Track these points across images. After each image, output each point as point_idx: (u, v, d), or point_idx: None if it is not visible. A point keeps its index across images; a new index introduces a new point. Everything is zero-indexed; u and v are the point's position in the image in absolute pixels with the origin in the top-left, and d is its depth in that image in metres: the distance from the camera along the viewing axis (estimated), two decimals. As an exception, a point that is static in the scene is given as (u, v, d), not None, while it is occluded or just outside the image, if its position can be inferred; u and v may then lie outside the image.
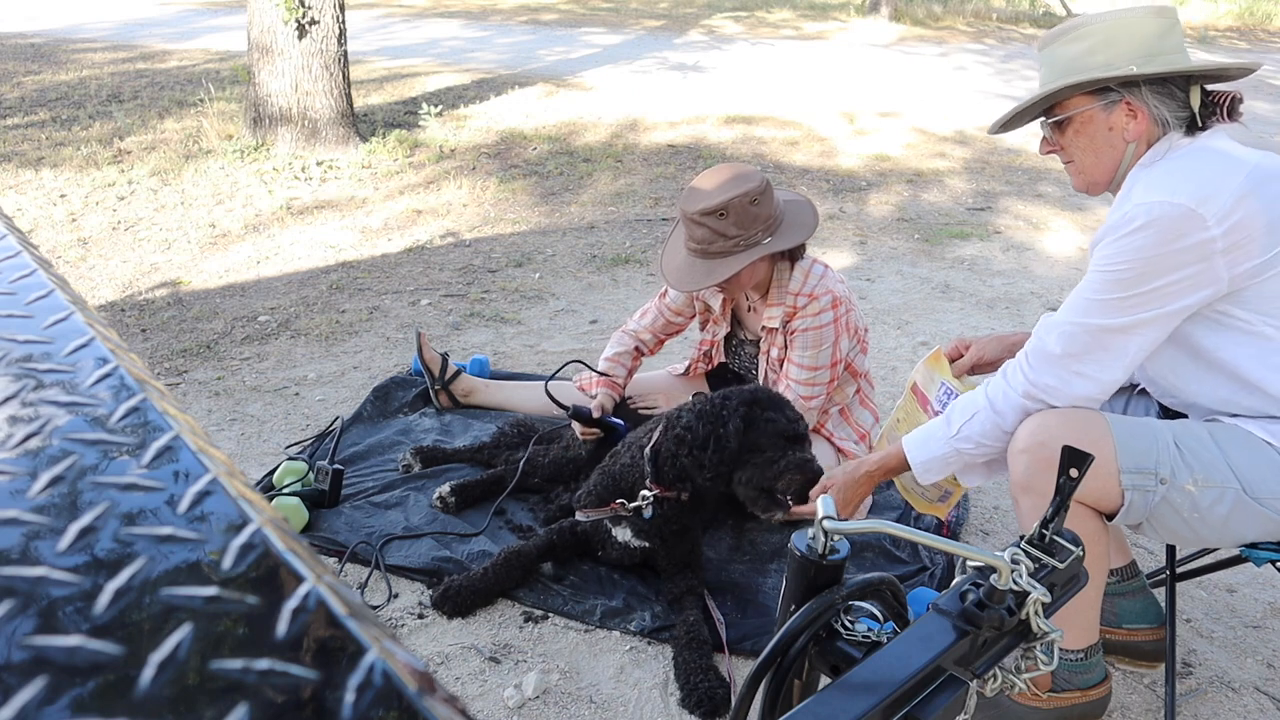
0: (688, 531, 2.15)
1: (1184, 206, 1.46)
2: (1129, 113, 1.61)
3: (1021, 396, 1.65)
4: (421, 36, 11.19)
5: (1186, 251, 1.47)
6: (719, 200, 2.21)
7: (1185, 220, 1.46)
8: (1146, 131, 1.62)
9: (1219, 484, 1.54)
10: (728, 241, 2.24)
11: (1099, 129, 1.64)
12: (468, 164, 5.91)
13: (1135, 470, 1.56)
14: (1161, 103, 1.59)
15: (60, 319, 0.54)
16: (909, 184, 5.89)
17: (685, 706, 1.82)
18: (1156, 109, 1.59)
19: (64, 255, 4.26)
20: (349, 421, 2.84)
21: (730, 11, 14.94)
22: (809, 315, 2.35)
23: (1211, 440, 1.58)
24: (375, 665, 0.32)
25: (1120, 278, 1.53)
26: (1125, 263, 1.52)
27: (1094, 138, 1.66)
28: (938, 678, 0.87)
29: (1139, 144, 1.63)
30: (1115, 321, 1.55)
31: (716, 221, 2.22)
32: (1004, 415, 1.67)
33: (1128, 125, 1.62)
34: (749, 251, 2.25)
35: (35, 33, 10.48)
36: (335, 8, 5.65)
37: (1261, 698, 1.94)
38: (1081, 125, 1.66)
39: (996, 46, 12.27)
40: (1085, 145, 1.67)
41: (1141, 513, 1.59)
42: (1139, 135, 1.62)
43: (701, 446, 2.02)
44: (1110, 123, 1.63)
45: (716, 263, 2.28)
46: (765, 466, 1.97)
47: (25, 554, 0.35)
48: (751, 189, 2.23)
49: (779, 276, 2.40)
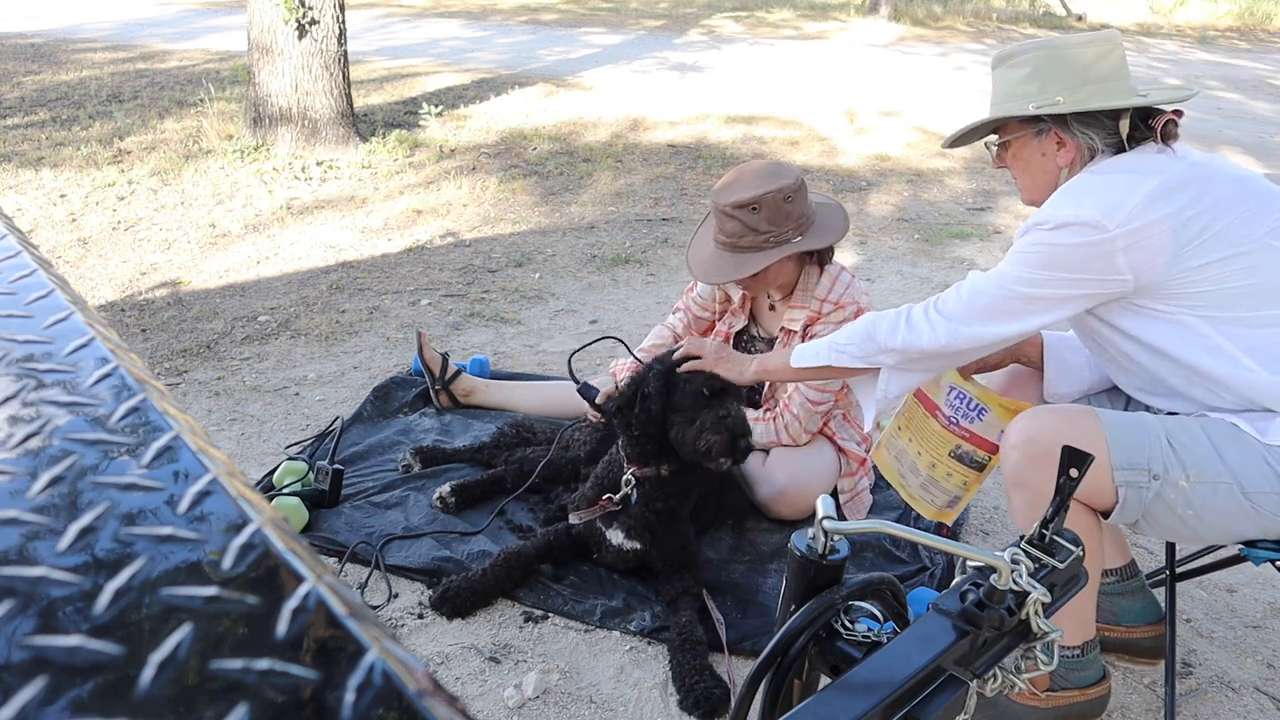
0: (675, 522, 2.15)
1: (1088, 219, 1.58)
2: (1058, 141, 1.72)
3: (912, 308, 1.76)
4: (421, 36, 11.19)
5: (1087, 247, 1.59)
6: (753, 194, 2.19)
7: (1088, 229, 1.58)
8: (1077, 156, 1.72)
9: (1212, 479, 1.55)
10: (758, 237, 2.23)
11: (1033, 154, 1.77)
12: (468, 164, 5.91)
13: (1128, 466, 1.57)
14: (1088, 131, 1.69)
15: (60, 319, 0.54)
16: (909, 184, 5.89)
17: (684, 708, 1.83)
18: (1083, 136, 1.69)
19: (64, 255, 4.26)
20: (349, 421, 2.84)
21: (730, 11, 14.94)
22: (831, 324, 2.34)
23: (1204, 435, 1.58)
24: (375, 665, 0.32)
25: (1037, 259, 1.64)
26: (1042, 248, 1.64)
27: (1029, 161, 1.78)
28: (938, 678, 0.87)
29: (1071, 167, 1.73)
30: (1026, 290, 1.65)
31: (749, 215, 2.21)
32: (889, 331, 1.76)
33: (1058, 152, 1.73)
34: (778, 249, 2.23)
35: (35, 33, 10.48)
36: (335, 8, 5.65)
37: (1261, 698, 1.94)
38: (1018, 149, 1.79)
39: (996, 46, 12.25)
40: (1022, 168, 1.80)
41: (1136, 510, 1.59)
42: (1069, 161, 1.73)
43: (629, 406, 2.07)
44: (1042, 149, 1.75)
45: (745, 257, 2.26)
46: (685, 426, 2.01)
47: (25, 554, 0.35)
48: (786, 185, 2.21)
49: (805, 279, 2.38)
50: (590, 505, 2.20)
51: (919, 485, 2.00)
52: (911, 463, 2.02)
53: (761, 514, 2.46)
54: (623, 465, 2.15)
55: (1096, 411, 1.64)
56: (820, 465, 2.44)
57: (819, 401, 2.39)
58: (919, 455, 2.00)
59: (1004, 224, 5.17)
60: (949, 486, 1.95)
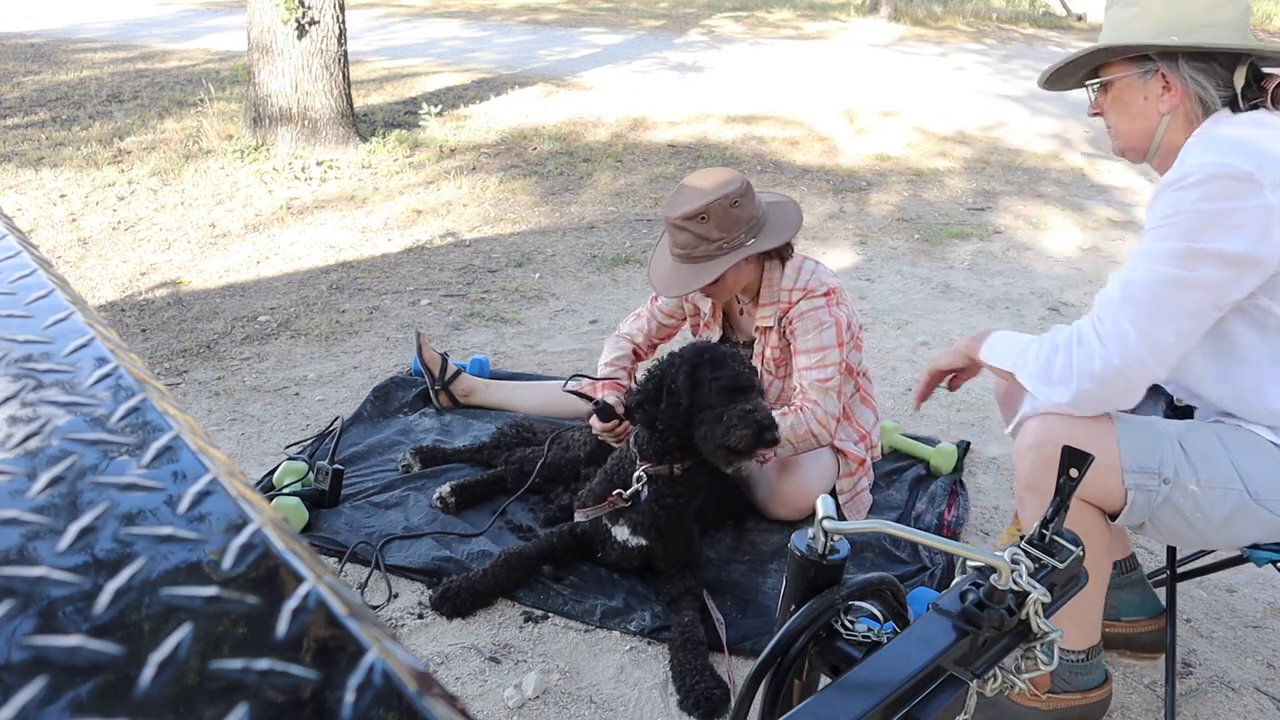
0: (683, 521, 2.15)
1: (1242, 169, 1.42)
2: (1164, 84, 1.59)
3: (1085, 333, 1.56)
4: (422, 36, 11.19)
5: (1243, 212, 1.43)
6: (699, 204, 2.22)
7: (1242, 182, 1.42)
8: (1182, 106, 1.59)
9: (1223, 485, 1.54)
10: (710, 245, 2.26)
11: (1135, 96, 1.63)
12: (468, 164, 5.91)
13: (1139, 469, 1.56)
14: (1199, 78, 1.55)
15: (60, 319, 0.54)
16: (909, 183, 5.89)
17: (683, 708, 1.82)
18: (1193, 83, 1.56)
19: (64, 255, 4.26)
20: (349, 421, 2.84)
21: (730, 11, 14.94)
22: (804, 303, 2.37)
23: (1217, 441, 1.58)
24: (375, 665, 0.32)
25: (1176, 229, 1.48)
26: (1185, 212, 1.47)
27: (1129, 104, 1.65)
28: (938, 678, 0.87)
29: (1174, 116, 1.60)
30: (1177, 273, 1.47)
31: (698, 225, 2.24)
32: (1064, 357, 1.58)
33: (1161, 97, 1.60)
34: (732, 254, 2.26)
35: (35, 33, 10.48)
36: (335, 8, 5.65)
37: (1261, 698, 1.94)
38: (1120, 91, 1.65)
39: (996, 46, 12.27)
40: (1121, 111, 1.67)
41: (1144, 512, 1.58)
42: (1172, 108, 1.59)
43: (654, 402, 2.07)
44: (1145, 92, 1.62)
45: (700, 266, 2.29)
46: (714, 423, 2.00)
47: (25, 554, 0.35)
48: (732, 192, 2.24)
49: (769, 276, 2.40)
50: (598, 501, 2.20)
51: None
52: None
53: (760, 514, 2.46)
54: (633, 461, 2.15)
55: (1110, 414, 1.63)
56: (818, 466, 2.44)
57: (826, 379, 2.38)
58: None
59: (1004, 224, 5.17)
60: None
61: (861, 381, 2.59)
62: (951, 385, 1.95)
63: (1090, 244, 4.90)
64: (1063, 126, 7.44)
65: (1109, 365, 1.51)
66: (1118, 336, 1.51)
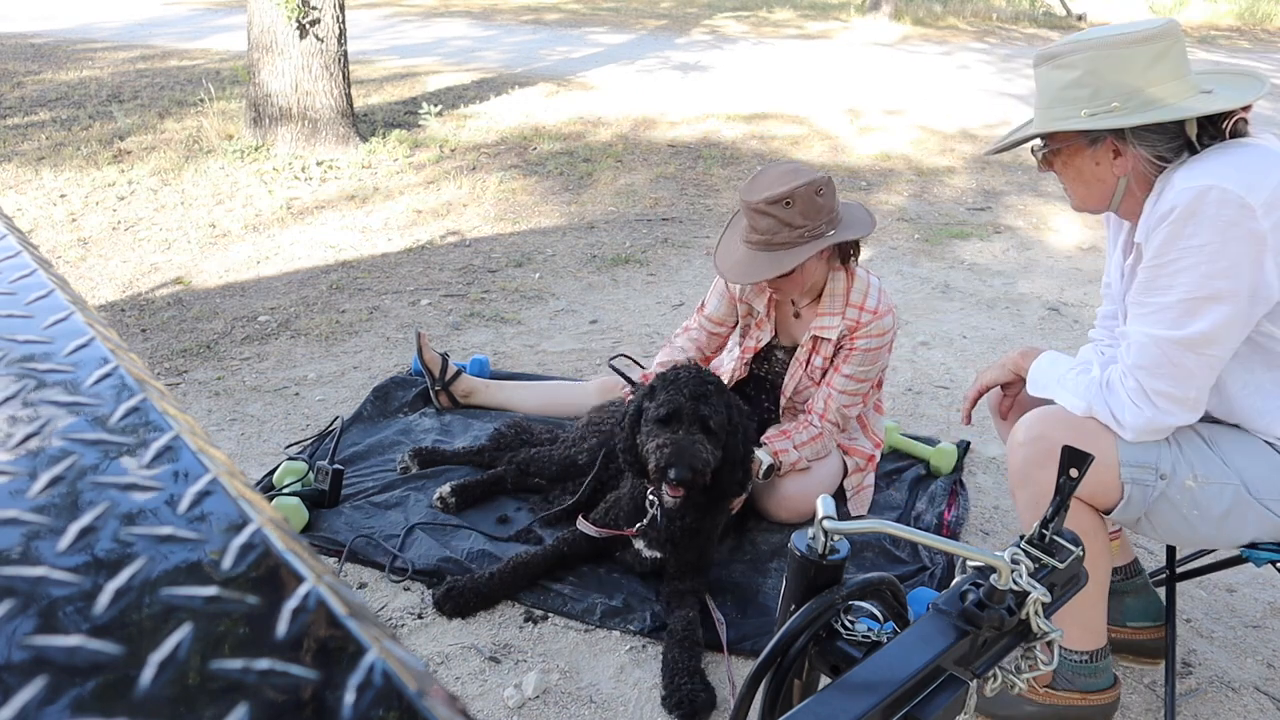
0: (698, 535, 2.14)
1: (1231, 191, 1.40)
2: (1114, 151, 1.58)
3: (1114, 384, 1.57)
4: (429, 36, 11.20)
5: (1239, 241, 1.42)
6: (786, 189, 2.16)
7: (1234, 207, 1.40)
8: (1134, 165, 1.57)
9: (1219, 481, 1.54)
10: (793, 231, 2.19)
11: (1086, 163, 1.61)
12: (468, 164, 5.91)
13: (1135, 464, 1.56)
14: (1148, 141, 1.54)
15: (60, 319, 0.54)
16: (911, 182, 5.89)
17: (665, 707, 1.82)
18: (1143, 147, 1.54)
19: (64, 255, 4.26)
20: (349, 421, 2.84)
21: (732, 11, 14.94)
22: (874, 335, 2.33)
23: (1212, 438, 1.58)
24: (375, 665, 0.32)
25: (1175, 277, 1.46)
26: (1176, 255, 1.45)
27: (1082, 170, 1.63)
28: (938, 678, 0.87)
29: (1130, 176, 1.59)
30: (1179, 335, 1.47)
31: (783, 210, 2.18)
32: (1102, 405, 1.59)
33: (1115, 162, 1.59)
34: (814, 243, 2.20)
35: (46, 32, 10.48)
36: (335, 7, 5.65)
37: (1261, 698, 1.94)
38: (1070, 157, 1.63)
39: (999, 45, 12.27)
40: (1074, 176, 1.65)
41: (1140, 508, 1.58)
42: (1127, 169, 1.58)
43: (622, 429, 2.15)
44: (1097, 158, 1.60)
45: (781, 254, 2.21)
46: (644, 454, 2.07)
47: (25, 554, 0.35)
48: (817, 179, 2.21)
49: (833, 284, 2.36)
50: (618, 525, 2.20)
51: None
52: None
53: (763, 517, 2.46)
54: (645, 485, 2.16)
55: None
56: (825, 472, 2.44)
57: (851, 405, 2.42)
58: None
59: (1005, 223, 5.17)
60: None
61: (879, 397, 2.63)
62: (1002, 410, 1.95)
63: (1091, 243, 4.90)
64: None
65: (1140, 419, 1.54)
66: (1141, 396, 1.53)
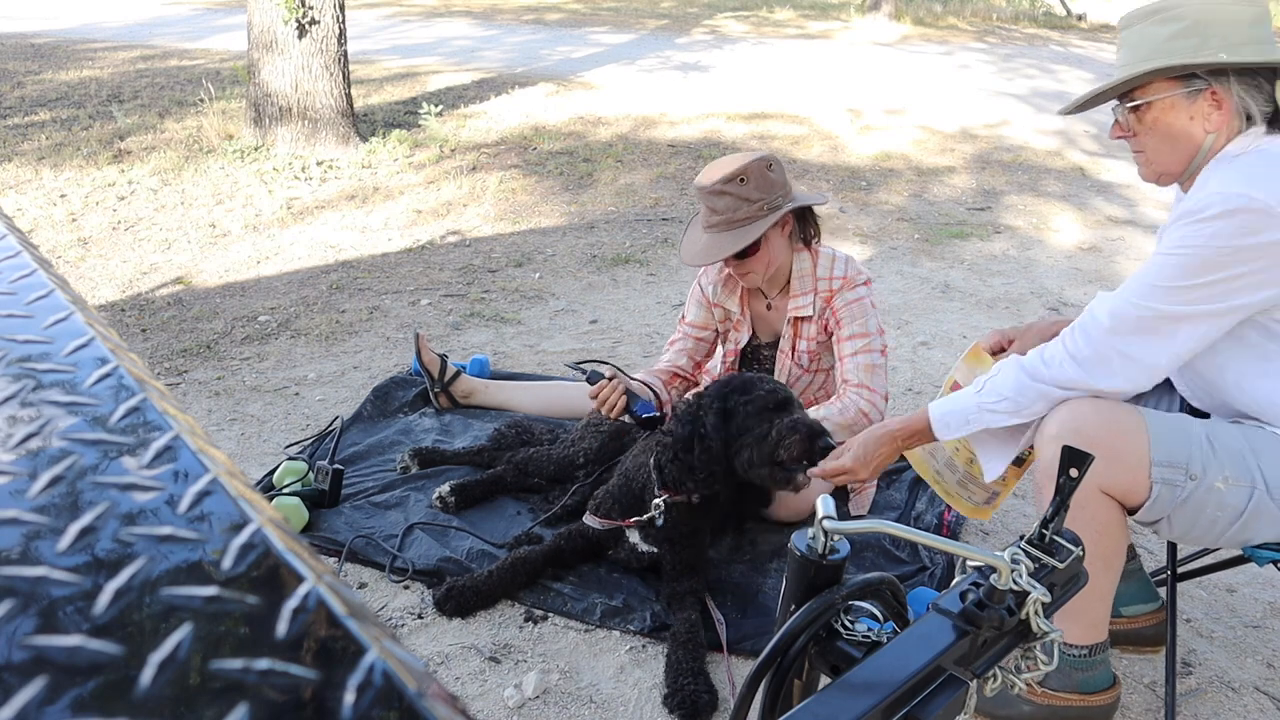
0: (696, 534, 2.14)
1: (1263, 202, 1.42)
2: (1213, 102, 1.54)
3: (1057, 365, 1.60)
4: (430, 36, 11.20)
5: (1258, 249, 1.43)
6: (738, 166, 2.26)
7: (1262, 217, 1.42)
8: (1227, 124, 1.55)
9: (1247, 483, 1.53)
10: (752, 206, 2.26)
11: (1179, 117, 1.57)
12: (468, 163, 5.91)
13: (1167, 464, 1.54)
14: (1248, 94, 1.52)
15: (60, 319, 0.54)
16: (912, 182, 5.89)
17: (667, 706, 1.82)
18: (1241, 100, 1.52)
19: (64, 255, 4.26)
20: (349, 421, 2.84)
21: (733, 11, 14.94)
22: (850, 291, 2.38)
23: (1243, 438, 1.56)
24: (375, 665, 0.32)
25: (1187, 263, 1.47)
26: (1195, 248, 1.46)
27: (1172, 126, 1.58)
28: (938, 678, 0.87)
29: (1218, 136, 1.57)
30: (1173, 309, 1.49)
31: (738, 188, 2.25)
32: (1035, 377, 1.61)
33: (1210, 115, 1.55)
34: (773, 214, 2.27)
35: (46, 32, 10.48)
36: (335, 7, 5.65)
37: (1261, 698, 1.94)
38: (1161, 112, 1.58)
39: (999, 45, 12.27)
40: (1162, 133, 1.60)
41: (1167, 507, 1.56)
42: (1220, 126, 1.55)
43: (687, 449, 2.04)
44: (1192, 111, 1.56)
45: (740, 230, 2.28)
46: (760, 443, 1.99)
47: (25, 554, 0.35)
48: (765, 156, 2.31)
49: (799, 265, 2.41)
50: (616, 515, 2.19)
51: (956, 481, 1.94)
52: (948, 458, 1.96)
53: (763, 518, 2.45)
54: (651, 483, 2.13)
55: (1138, 408, 1.60)
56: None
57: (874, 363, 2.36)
58: (956, 451, 1.93)
59: (1005, 222, 5.17)
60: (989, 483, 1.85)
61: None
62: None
63: (1091, 243, 4.90)
64: (1065, 124, 7.43)
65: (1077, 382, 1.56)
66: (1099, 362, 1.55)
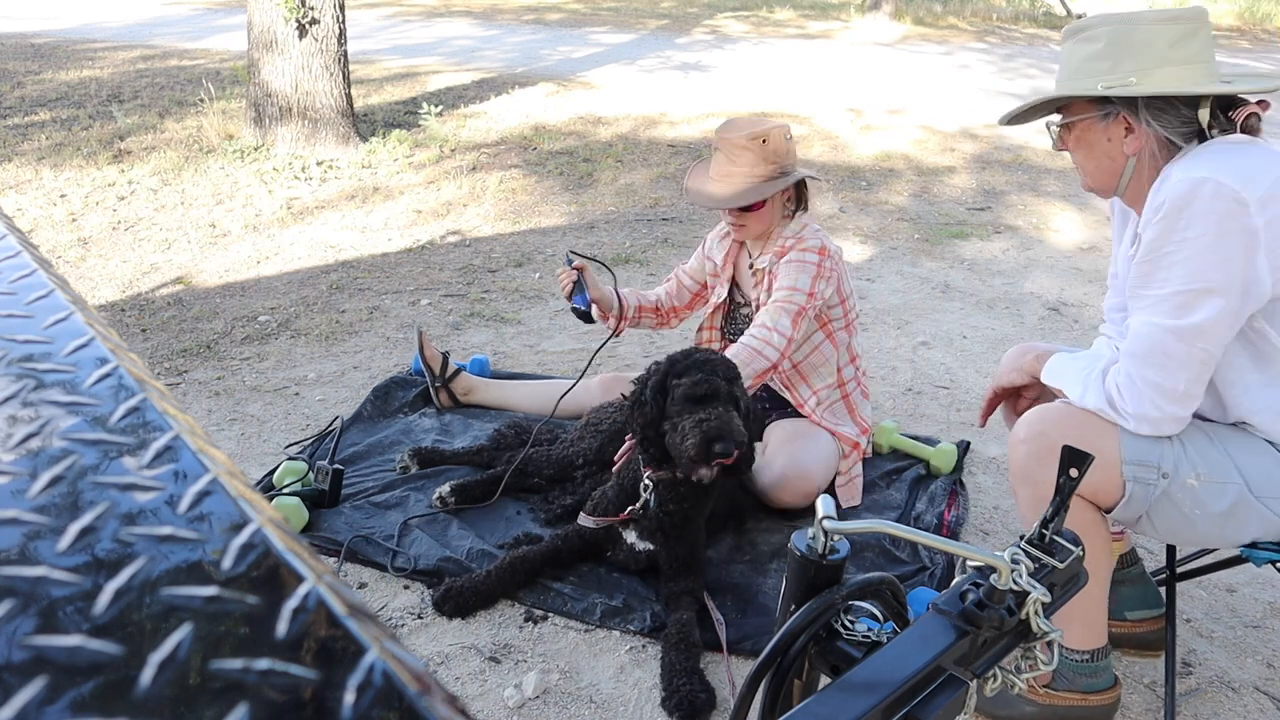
0: (689, 525, 2.14)
1: (1227, 185, 1.41)
2: (1126, 127, 1.58)
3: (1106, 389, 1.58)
4: (430, 36, 11.20)
5: (1233, 234, 1.42)
6: (764, 128, 2.40)
7: (1229, 200, 1.41)
8: (1147, 147, 1.57)
9: (1222, 480, 1.54)
10: (769, 166, 2.40)
11: (1097, 139, 1.62)
12: (469, 163, 5.91)
13: (1138, 462, 1.56)
14: (1160, 120, 1.54)
15: (60, 319, 0.54)
16: (912, 182, 5.89)
17: (665, 708, 1.82)
18: (1153, 126, 1.55)
19: (64, 255, 4.26)
20: (349, 421, 2.84)
21: (733, 11, 14.94)
22: (795, 252, 2.44)
23: (1215, 437, 1.58)
24: (375, 665, 0.32)
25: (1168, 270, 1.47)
26: (1171, 248, 1.47)
27: (1093, 146, 1.63)
28: (938, 678, 0.87)
29: (1139, 158, 1.59)
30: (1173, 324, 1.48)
31: (760, 147, 2.39)
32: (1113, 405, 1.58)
33: (1125, 139, 1.59)
34: (784, 179, 2.41)
35: (46, 32, 10.48)
36: (335, 7, 5.65)
37: (1261, 698, 1.94)
38: (1083, 132, 1.64)
39: (999, 45, 12.26)
40: (1085, 153, 1.66)
41: (1141, 506, 1.58)
42: (1136, 150, 1.59)
43: (634, 406, 2.13)
44: (1108, 134, 1.61)
45: (754, 188, 2.41)
46: (672, 431, 2.03)
47: (25, 554, 0.35)
48: (784, 125, 2.45)
49: (780, 230, 2.51)
50: (610, 512, 2.20)
51: None
52: None
53: (762, 505, 2.45)
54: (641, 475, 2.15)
55: None
56: (819, 451, 2.47)
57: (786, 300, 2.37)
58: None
59: (1005, 222, 5.17)
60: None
61: (859, 374, 2.65)
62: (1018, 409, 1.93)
63: (1091, 243, 4.90)
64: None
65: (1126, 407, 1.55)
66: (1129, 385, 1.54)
